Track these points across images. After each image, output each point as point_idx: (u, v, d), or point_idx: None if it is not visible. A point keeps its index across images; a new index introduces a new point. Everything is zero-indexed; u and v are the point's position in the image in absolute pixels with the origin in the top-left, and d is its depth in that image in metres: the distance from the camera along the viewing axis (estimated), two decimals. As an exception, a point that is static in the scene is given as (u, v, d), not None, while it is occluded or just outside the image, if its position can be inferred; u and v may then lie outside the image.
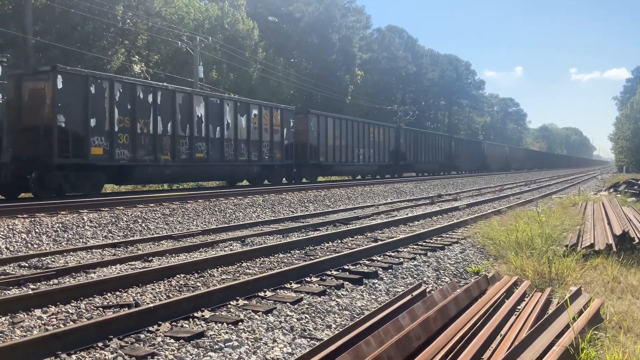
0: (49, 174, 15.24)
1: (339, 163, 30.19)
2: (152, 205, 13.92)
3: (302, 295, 6.06)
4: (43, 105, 15.15)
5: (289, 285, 6.50)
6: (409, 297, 5.29)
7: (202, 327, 4.96)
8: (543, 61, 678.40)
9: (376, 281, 6.90)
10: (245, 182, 25.67)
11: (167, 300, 5.55)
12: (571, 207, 15.55)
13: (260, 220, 13.33)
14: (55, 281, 6.79)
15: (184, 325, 5.03)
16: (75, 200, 13.70)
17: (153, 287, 6.43)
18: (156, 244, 9.91)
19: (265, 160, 23.84)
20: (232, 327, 4.96)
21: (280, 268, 7.34)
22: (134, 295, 6.08)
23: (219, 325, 5.00)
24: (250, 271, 7.41)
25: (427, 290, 6.10)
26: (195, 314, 5.27)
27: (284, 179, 27.11)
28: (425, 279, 7.21)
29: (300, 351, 4.37)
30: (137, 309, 5.16)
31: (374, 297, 6.25)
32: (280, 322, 5.14)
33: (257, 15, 45.47)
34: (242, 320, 5.13)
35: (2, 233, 9.64)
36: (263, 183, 24.54)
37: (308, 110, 29.05)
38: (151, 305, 5.22)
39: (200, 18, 37.45)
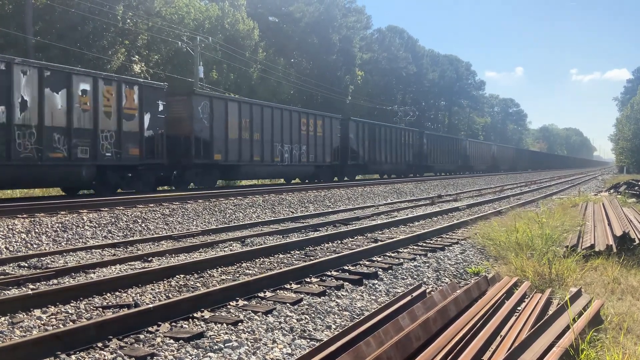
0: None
1: (248, 163, 22.76)
2: (152, 205, 13.92)
3: (302, 295, 6.05)
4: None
5: (288, 286, 6.49)
6: (409, 297, 5.29)
7: (201, 327, 4.95)
8: (544, 62, 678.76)
9: (376, 282, 6.89)
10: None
11: (167, 300, 5.54)
12: (571, 207, 15.54)
13: (260, 220, 13.32)
14: (55, 281, 6.78)
15: (184, 325, 5.02)
16: (75, 200, 13.70)
17: (152, 288, 6.43)
18: (156, 244, 9.91)
19: (106, 159, 16.41)
20: (232, 327, 4.96)
21: (280, 268, 7.33)
22: (134, 295, 6.08)
23: (219, 325, 5.00)
24: (250, 272, 7.40)
25: (427, 291, 6.10)
26: (195, 315, 5.26)
27: (150, 183, 18.83)
28: (425, 279, 7.20)
29: (300, 352, 4.36)
30: (136, 309, 5.15)
31: (373, 297, 6.24)
32: (280, 322, 5.14)
33: (257, 15, 45.48)
34: (241, 321, 5.12)
35: (1, 233, 9.63)
36: (104, 191, 16.90)
37: (193, 90, 21.69)
38: (151, 305, 5.22)
39: (201, 18, 37.45)
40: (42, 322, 5.05)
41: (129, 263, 7.98)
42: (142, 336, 4.68)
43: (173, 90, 21.48)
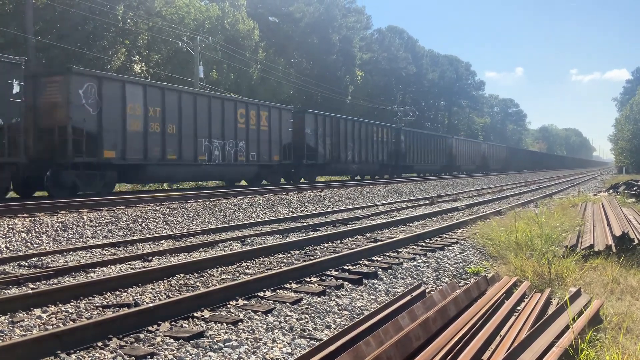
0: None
1: (159, 162, 18.35)
2: (152, 205, 13.92)
3: (302, 295, 6.05)
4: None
5: (288, 286, 6.50)
6: (409, 297, 5.29)
7: (201, 327, 4.96)
8: (544, 62, 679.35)
9: (376, 281, 6.90)
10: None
11: (167, 300, 5.55)
12: (571, 207, 15.54)
13: (260, 220, 13.33)
14: (55, 281, 6.79)
15: (184, 325, 5.02)
16: (75, 200, 13.71)
17: (153, 287, 6.43)
18: (156, 243, 9.91)
19: None
20: (232, 327, 4.96)
21: (280, 268, 7.33)
22: (134, 294, 6.08)
23: (219, 325, 5.00)
24: (250, 271, 7.41)
25: (427, 290, 6.10)
26: (195, 314, 5.27)
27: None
28: (424, 279, 7.21)
29: (299, 351, 4.37)
30: (136, 308, 5.15)
31: (373, 297, 6.25)
32: (280, 322, 5.14)
33: (257, 15, 45.48)
34: (241, 320, 5.13)
35: (2, 232, 9.63)
36: None
37: (70, 68, 16.30)
38: (151, 305, 5.22)
39: (201, 18, 37.46)
40: (42, 322, 5.05)
41: (129, 262, 7.99)
42: (142, 335, 4.68)
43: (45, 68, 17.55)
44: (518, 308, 5.19)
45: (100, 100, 16.27)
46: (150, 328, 4.85)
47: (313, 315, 5.42)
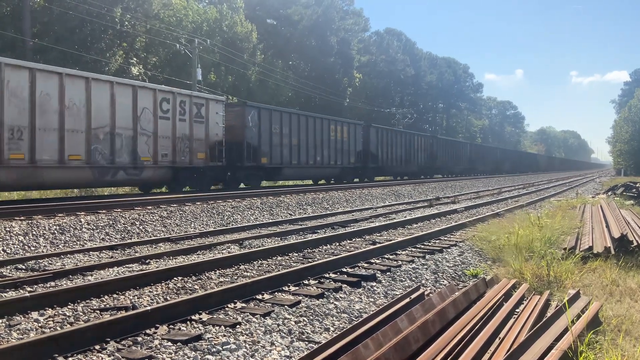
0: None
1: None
2: (150, 207, 13.89)
3: (300, 298, 6.04)
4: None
5: (287, 288, 6.48)
6: (407, 300, 5.28)
7: (199, 330, 4.94)
8: (544, 64, 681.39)
9: (374, 284, 6.88)
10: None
11: (165, 302, 5.52)
12: (569, 210, 15.55)
13: (258, 222, 13.31)
14: (53, 283, 6.76)
15: (182, 328, 5.00)
16: (73, 203, 13.67)
17: (150, 290, 6.41)
18: (154, 246, 9.89)
19: None
20: (230, 330, 4.94)
21: (278, 271, 7.31)
22: (132, 297, 6.06)
23: (217, 328, 4.98)
24: (248, 274, 7.39)
25: (426, 293, 6.09)
26: (193, 317, 5.25)
27: None
28: (423, 281, 7.19)
29: (298, 354, 4.35)
30: (134, 311, 5.13)
31: (372, 300, 6.23)
32: (278, 325, 5.13)
33: (255, 17, 45.52)
34: (239, 323, 5.11)
35: (-1, 235, 9.60)
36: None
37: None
38: (148, 308, 5.20)
39: (199, 20, 37.47)
40: (40, 325, 5.03)
41: (127, 265, 7.96)
42: (139, 338, 4.66)
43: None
44: (517, 310, 5.18)
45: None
46: (148, 331, 4.83)
47: (311, 318, 5.40)
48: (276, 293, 6.28)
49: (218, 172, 21.65)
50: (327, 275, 7.20)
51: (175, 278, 6.97)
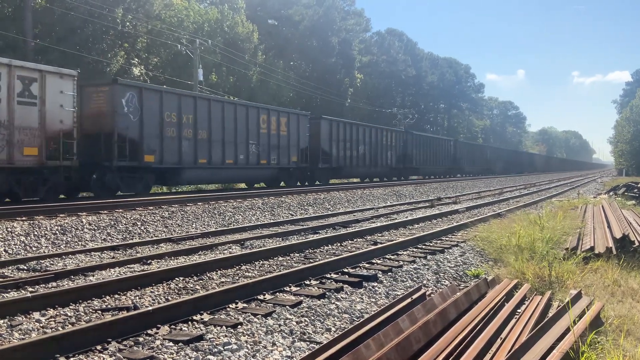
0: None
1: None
2: (151, 208, 13.90)
3: (302, 298, 6.04)
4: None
5: (288, 289, 6.48)
6: (409, 300, 5.28)
7: (201, 330, 4.94)
8: (545, 65, 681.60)
9: (376, 284, 6.87)
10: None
11: (166, 303, 5.52)
12: (571, 210, 15.53)
13: (259, 223, 13.31)
14: (54, 284, 6.76)
15: (183, 328, 5.00)
16: (74, 203, 13.68)
17: (152, 290, 6.41)
18: (155, 246, 9.89)
19: None
20: (232, 330, 4.94)
21: (280, 271, 7.31)
22: (133, 298, 6.06)
23: (218, 328, 4.98)
24: (250, 274, 7.39)
25: (427, 293, 6.08)
26: (194, 317, 5.25)
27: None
28: (425, 282, 7.19)
29: (299, 355, 4.35)
30: (135, 312, 5.13)
31: (373, 300, 6.23)
32: (280, 325, 5.13)
33: (256, 18, 45.51)
34: (241, 324, 5.11)
35: (1, 235, 9.61)
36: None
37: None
38: (150, 308, 5.20)
39: (200, 21, 37.47)
40: (41, 325, 5.03)
41: (128, 266, 7.96)
42: (141, 339, 4.66)
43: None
44: (519, 311, 5.18)
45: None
46: (149, 331, 4.83)
47: (313, 318, 5.40)
48: (277, 293, 6.28)
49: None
50: (328, 276, 7.20)
51: (176, 278, 6.97)
